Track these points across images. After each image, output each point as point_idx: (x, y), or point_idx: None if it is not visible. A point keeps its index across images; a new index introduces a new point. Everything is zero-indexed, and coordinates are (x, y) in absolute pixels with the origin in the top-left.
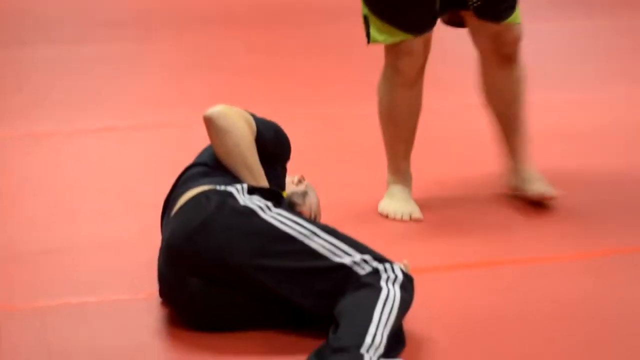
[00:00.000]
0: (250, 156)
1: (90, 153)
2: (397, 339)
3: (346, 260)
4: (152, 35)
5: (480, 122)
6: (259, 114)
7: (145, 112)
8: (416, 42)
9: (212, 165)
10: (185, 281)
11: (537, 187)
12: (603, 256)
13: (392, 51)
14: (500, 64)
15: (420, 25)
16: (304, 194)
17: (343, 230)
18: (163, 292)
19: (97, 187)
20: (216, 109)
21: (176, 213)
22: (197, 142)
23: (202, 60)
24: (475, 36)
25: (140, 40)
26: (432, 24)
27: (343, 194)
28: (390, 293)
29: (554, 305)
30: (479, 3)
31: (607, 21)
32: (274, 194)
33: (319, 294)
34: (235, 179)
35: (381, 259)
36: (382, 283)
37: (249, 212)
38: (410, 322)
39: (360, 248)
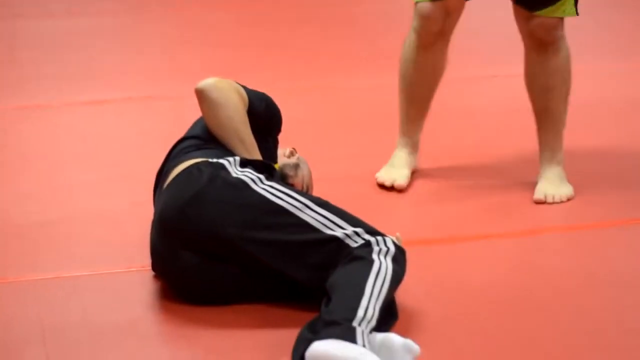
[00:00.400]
0: (243, 129)
1: (84, 126)
2: (389, 312)
3: (338, 232)
4: (145, 8)
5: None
6: (252, 87)
7: (138, 85)
8: (433, 6)
9: (204, 137)
10: (178, 254)
11: (543, 188)
12: (594, 228)
13: (414, 12)
14: (536, 50)
15: None
16: (296, 166)
17: (338, 203)
18: (156, 266)
19: (91, 160)
20: (208, 82)
21: (168, 186)
22: (190, 115)
23: (195, 33)
24: (515, 17)
25: (133, 13)
26: None
27: (339, 166)
28: (382, 266)
29: (546, 278)
30: None
31: None
32: (267, 166)
33: (312, 266)
34: (227, 152)
35: (373, 232)
36: (374, 256)
37: (241, 185)
38: (402, 296)
39: (353, 221)
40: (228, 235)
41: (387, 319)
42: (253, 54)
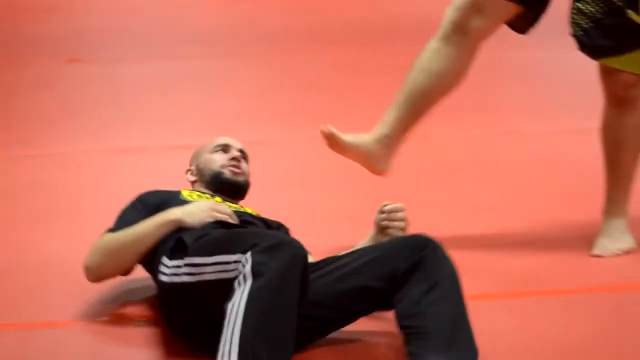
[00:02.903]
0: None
1: (180, 169)
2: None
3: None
4: (241, 52)
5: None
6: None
7: (233, 129)
8: None
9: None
10: None
11: (601, 242)
12: None
13: None
14: (613, 104)
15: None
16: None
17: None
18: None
19: None
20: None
21: None
22: (283, 160)
23: (289, 77)
24: (599, 70)
25: (228, 57)
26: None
27: (424, 212)
28: (234, 300)
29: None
30: (581, 33)
31: None
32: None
33: None
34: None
35: (245, 249)
36: (235, 286)
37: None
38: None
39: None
40: None
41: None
42: (348, 100)
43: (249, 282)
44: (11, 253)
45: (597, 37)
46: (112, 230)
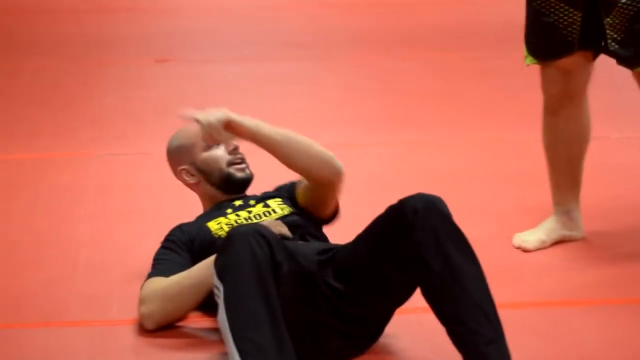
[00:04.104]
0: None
1: (265, 171)
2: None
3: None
4: (332, 55)
5: None
6: (432, 137)
7: (321, 132)
8: (546, 66)
9: None
10: None
11: None
12: None
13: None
14: None
15: (548, 52)
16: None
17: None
18: None
19: None
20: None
21: None
22: (372, 164)
23: (380, 81)
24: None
25: (319, 60)
26: (562, 52)
27: (509, 220)
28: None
29: None
30: (616, 46)
31: None
32: None
33: None
34: None
35: None
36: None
37: None
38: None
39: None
40: None
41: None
42: (435, 105)
43: (221, 289)
44: (97, 250)
45: (630, 45)
46: (155, 274)
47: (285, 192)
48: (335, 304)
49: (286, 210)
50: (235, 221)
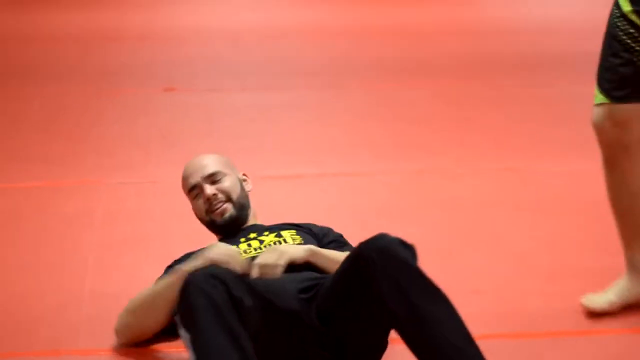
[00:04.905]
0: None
1: (276, 199)
2: None
3: None
4: (340, 83)
5: None
6: (441, 165)
7: (330, 161)
8: (598, 112)
9: None
10: None
11: None
12: None
13: None
14: None
15: (611, 90)
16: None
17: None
18: None
19: None
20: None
21: None
22: (380, 192)
23: (389, 109)
24: None
25: (327, 88)
26: (625, 97)
27: (525, 249)
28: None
29: None
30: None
31: None
32: None
33: None
34: None
35: None
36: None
37: None
38: None
39: None
40: None
41: None
42: (447, 132)
43: (188, 336)
44: (104, 277)
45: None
46: None
47: (314, 233)
48: (322, 341)
49: (297, 240)
50: (245, 251)
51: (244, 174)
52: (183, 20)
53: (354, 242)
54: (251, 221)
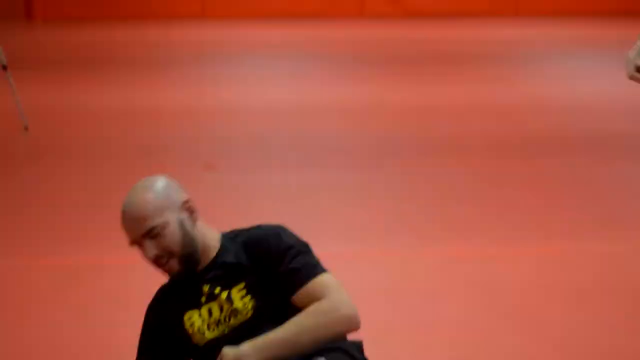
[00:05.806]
0: None
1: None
2: None
3: None
4: (379, 163)
5: None
6: (478, 247)
7: (366, 241)
8: None
9: None
10: None
11: None
12: None
13: None
14: None
15: None
16: None
17: None
18: None
19: None
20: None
21: None
22: (418, 273)
23: (429, 189)
24: None
25: (366, 168)
26: None
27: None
28: None
29: None
30: None
31: None
32: None
33: None
34: None
35: None
36: None
37: None
38: None
39: None
40: None
41: None
42: (485, 212)
43: None
44: None
45: None
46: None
47: (267, 271)
48: None
49: (249, 305)
50: (207, 323)
51: (185, 201)
52: (225, 98)
53: (393, 326)
54: (204, 258)
